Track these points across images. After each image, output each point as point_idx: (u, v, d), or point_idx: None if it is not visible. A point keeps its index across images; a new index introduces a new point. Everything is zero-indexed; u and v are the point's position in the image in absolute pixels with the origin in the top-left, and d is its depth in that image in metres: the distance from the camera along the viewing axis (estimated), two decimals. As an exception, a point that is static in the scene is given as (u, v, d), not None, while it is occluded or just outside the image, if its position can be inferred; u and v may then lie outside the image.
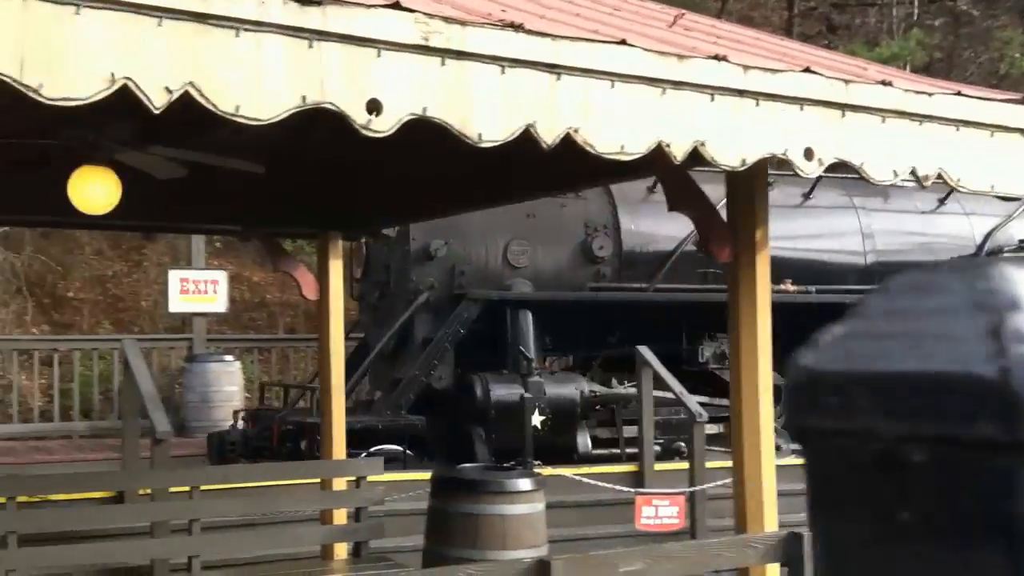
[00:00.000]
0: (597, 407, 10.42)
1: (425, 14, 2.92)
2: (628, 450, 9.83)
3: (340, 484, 6.65)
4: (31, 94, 2.42)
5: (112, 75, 2.48)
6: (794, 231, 11.10)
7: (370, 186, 6.19)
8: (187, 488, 6.09)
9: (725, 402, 10.64)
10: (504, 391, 9.81)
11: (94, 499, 6.73)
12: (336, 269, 6.82)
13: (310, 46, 2.78)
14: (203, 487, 6.21)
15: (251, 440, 9.72)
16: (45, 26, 2.42)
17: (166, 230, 8.76)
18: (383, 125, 2.84)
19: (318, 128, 5.11)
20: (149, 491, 6.77)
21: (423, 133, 2.97)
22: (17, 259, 16.19)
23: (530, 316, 10.33)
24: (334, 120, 2.85)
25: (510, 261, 10.62)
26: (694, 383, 10.06)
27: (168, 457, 6.95)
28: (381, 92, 2.84)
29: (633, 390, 10.04)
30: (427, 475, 6.38)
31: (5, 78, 2.38)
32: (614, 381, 10.84)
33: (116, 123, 4.20)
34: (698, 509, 8.25)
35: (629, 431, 9.90)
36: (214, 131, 3.75)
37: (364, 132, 2.84)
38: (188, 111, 2.68)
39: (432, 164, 5.02)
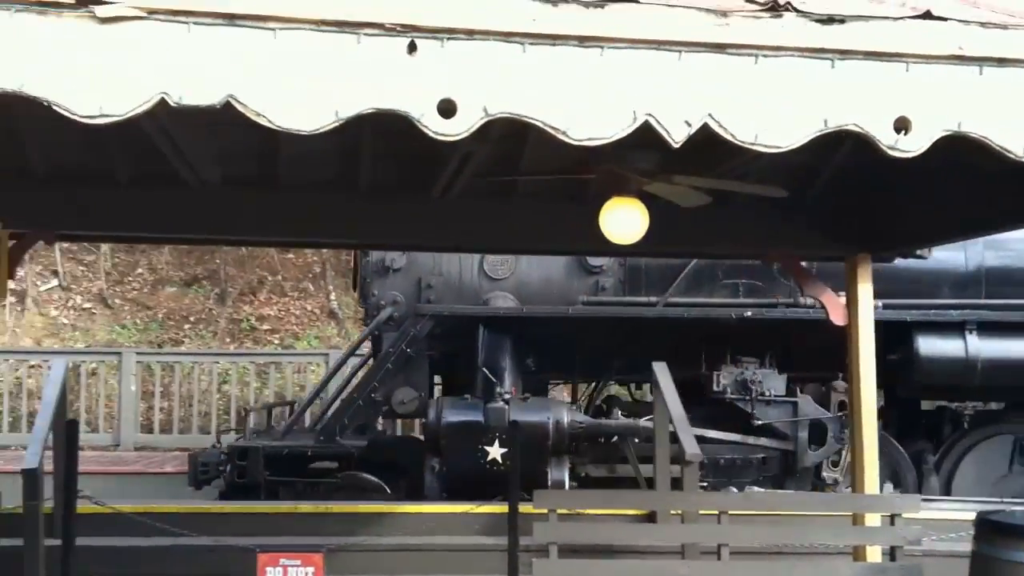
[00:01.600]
0: (598, 439, 9.16)
1: (960, 21, 2.67)
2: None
3: (872, 519, 6.32)
4: (559, 135, 2.54)
5: (634, 113, 2.53)
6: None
7: (901, 204, 5.85)
8: (715, 512, 6.13)
9: (734, 437, 9.19)
10: (458, 417, 8.74)
11: (627, 516, 7.03)
12: (866, 293, 6.50)
13: (832, 66, 2.65)
14: (731, 512, 6.21)
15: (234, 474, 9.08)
16: (570, 70, 2.53)
17: (686, 254, 8.87)
18: (913, 144, 2.64)
19: (841, 147, 4.95)
20: (678, 512, 6.93)
21: (954, 152, 2.71)
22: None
23: (507, 335, 9.23)
24: (859, 139, 2.70)
25: (487, 272, 9.56)
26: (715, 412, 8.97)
27: (696, 480, 7.05)
28: (910, 109, 2.63)
29: (637, 421, 8.90)
30: (969, 516, 5.87)
31: (536, 122, 2.52)
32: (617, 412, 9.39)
33: (642, 155, 4.33)
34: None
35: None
36: (731, 159, 3.73)
37: (891, 152, 2.65)
38: (709, 141, 2.67)
39: (968, 182, 4.62)
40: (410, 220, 5.86)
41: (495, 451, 8.42)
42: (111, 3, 2.41)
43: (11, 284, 6.69)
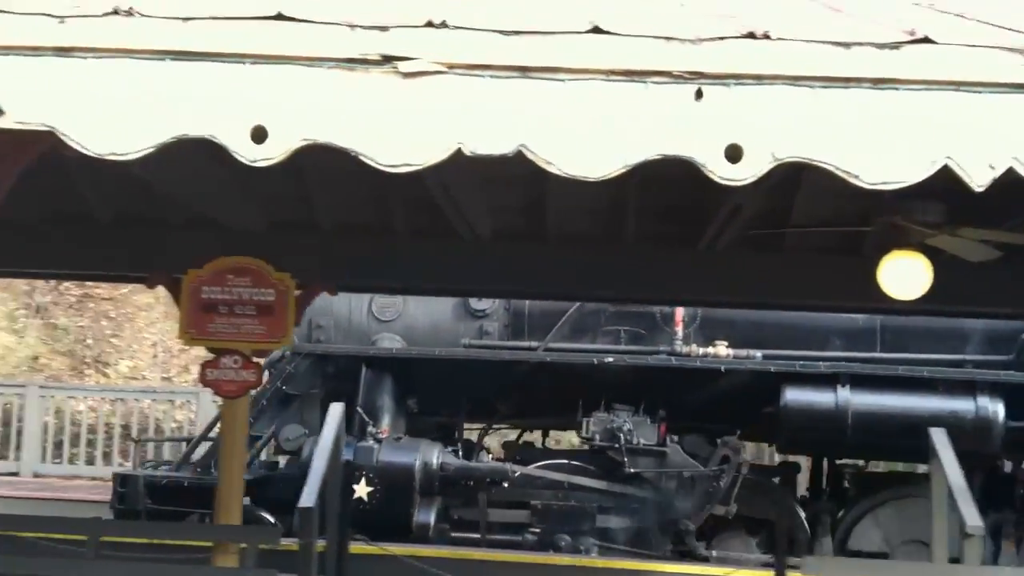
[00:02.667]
0: (467, 483, 8.81)
1: None
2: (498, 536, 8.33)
3: None
4: (850, 180, 2.47)
5: (933, 156, 2.43)
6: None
7: None
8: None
9: (596, 484, 8.69)
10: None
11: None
12: None
13: None
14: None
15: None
16: (863, 113, 2.47)
17: (969, 314, 8.40)
18: None
19: None
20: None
21: None
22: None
23: (388, 375, 9.29)
24: None
25: (375, 314, 9.59)
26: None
27: (978, 554, 6.59)
28: None
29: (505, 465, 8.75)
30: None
31: (827, 166, 2.46)
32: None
33: (927, 205, 4.15)
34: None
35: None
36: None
37: None
38: (1003, 189, 2.53)
39: None
40: (676, 274, 5.84)
41: (361, 490, 8.46)
42: (413, 59, 2.55)
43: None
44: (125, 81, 2.57)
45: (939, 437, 7.30)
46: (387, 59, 2.56)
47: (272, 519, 8.62)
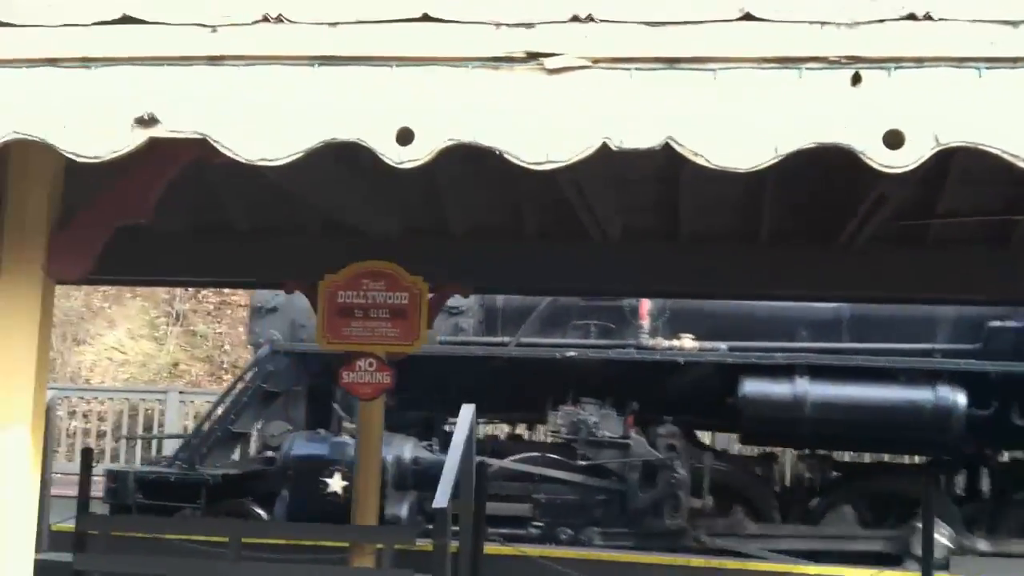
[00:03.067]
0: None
1: None
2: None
3: None
4: (1019, 163, 2.35)
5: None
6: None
7: None
8: None
9: (562, 475, 8.81)
10: (303, 451, 9.18)
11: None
12: None
13: None
14: None
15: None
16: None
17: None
18: None
19: None
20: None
21: None
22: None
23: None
24: None
25: None
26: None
27: None
28: None
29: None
30: None
31: (994, 150, 2.35)
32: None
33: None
34: None
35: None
36: None
37: None
38: None
39: None
40: (814, 270, 5.70)
41: (335, 484, 8.62)
42: (559, 55, 2.52)
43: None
44: (275, 87, 2.60)
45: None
46: (532, 56, 2.53)
47: (263, 512, 9.32)
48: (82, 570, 5.44)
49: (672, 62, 2.49)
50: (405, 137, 2.55)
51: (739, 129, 2.45)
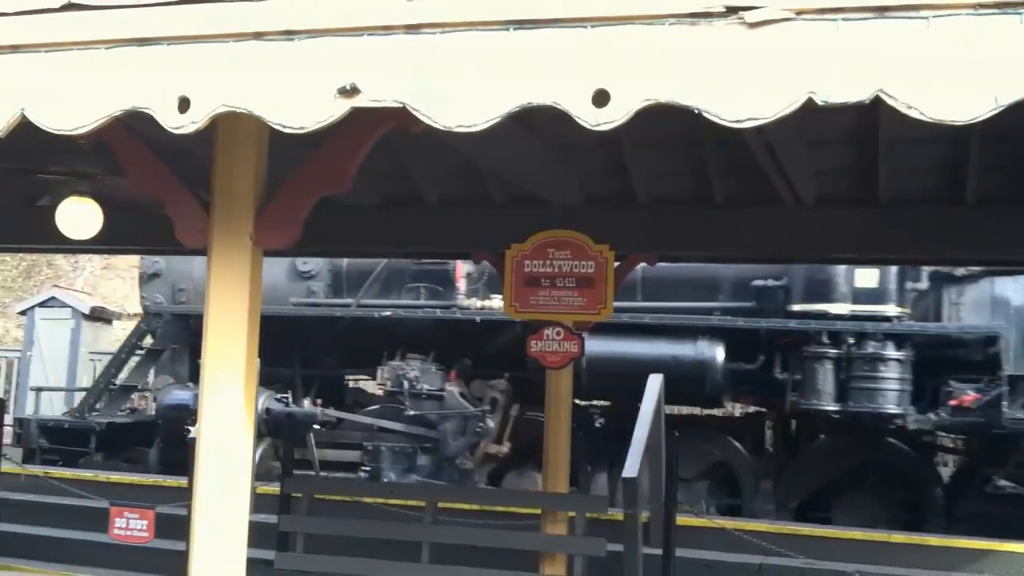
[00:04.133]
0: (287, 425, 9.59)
1: None
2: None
3: None
4: None
5: None
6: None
7: None
8: None
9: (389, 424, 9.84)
10: (171, 401, 10.50)
11: None
12: None
13: None
14: None
15: None
16: None
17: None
18: None
19: None
20: None
21: None
22: None
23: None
24: None
25: None
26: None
27: None
28: None
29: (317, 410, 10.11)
30: None
31: None
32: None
33: None
34: None
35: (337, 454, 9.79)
36: None
37: None
38: None
39: None
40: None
41: (196, 431, 8.91)
42: (759, 7, 2.44)
43: None
44: (471, 53, 2.61)
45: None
46: (731, 10, 2.46)
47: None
48: (287, 531, 5.68)
49: (881, 11, 2.37)
50: (601, 99, 2.52)
51: (956, 79, 2.32)
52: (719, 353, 9.60)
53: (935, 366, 9.24)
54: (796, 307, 9.42)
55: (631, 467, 6.36)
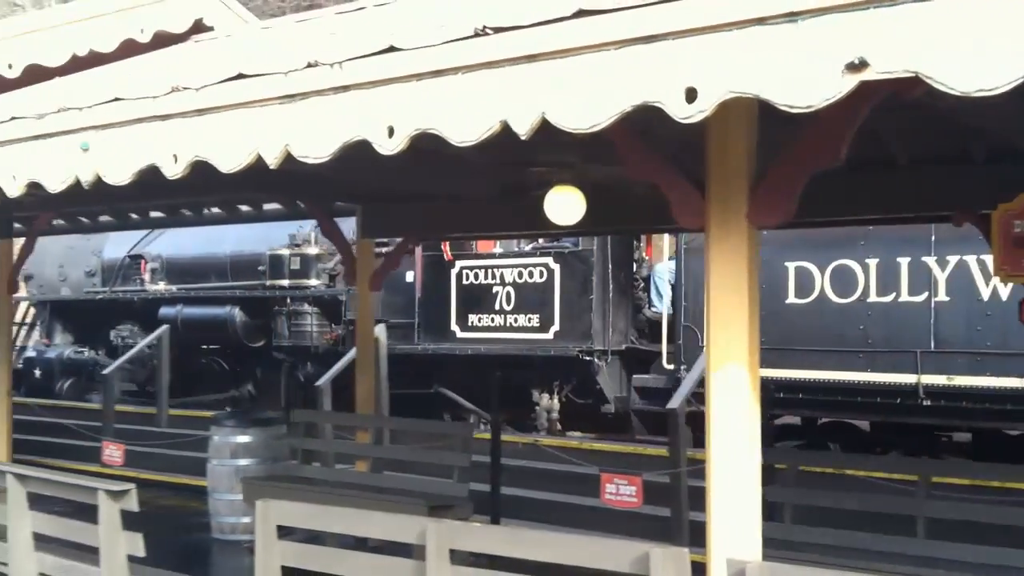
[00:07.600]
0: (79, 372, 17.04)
1: None
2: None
3: None
4: None
5: None
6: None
7: None
8: None
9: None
10: (27, 354, 17.77)
11: None
12: None
13: None
14: None
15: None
16: None
17: None
18: None
19: None
20: None
21: None
22: None
23: (55, 311, 17.87)
24: None
25: (58, 274, 17.71)
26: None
27: None
28: None
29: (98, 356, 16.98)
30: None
31: None
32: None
33: None
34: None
35: None
36: None
37: None
38: None
39: None
40: None
41: (37, 372, 17.17)
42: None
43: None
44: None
45: None
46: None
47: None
48: (774, 501, 5.70)
49: None
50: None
51: None
52: (237, 313, 14.97)
53: None
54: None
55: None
